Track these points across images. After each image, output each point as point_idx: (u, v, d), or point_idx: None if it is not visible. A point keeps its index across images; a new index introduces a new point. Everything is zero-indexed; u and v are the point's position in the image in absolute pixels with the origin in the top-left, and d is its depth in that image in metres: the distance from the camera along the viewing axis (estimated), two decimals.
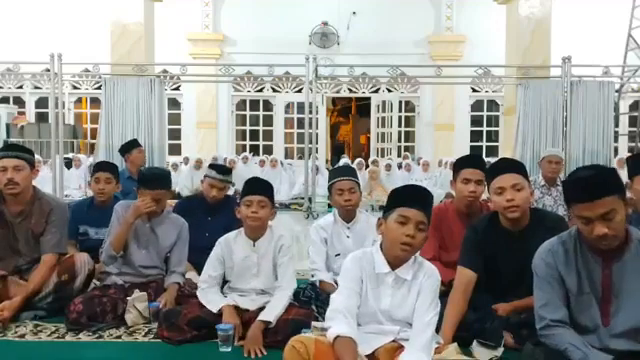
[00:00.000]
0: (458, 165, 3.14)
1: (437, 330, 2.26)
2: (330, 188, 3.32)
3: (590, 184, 1.91)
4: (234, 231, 2.97)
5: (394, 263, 2.17)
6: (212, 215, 3.74)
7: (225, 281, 3.00)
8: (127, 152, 5.32)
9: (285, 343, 2.23)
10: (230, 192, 4.48)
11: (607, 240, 1.93)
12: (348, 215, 3.32)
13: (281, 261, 2.89)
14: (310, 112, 7.74)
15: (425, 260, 2.26)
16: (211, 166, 3.99)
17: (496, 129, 13.72)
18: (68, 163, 9.31)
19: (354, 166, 9.97)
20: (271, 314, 2.69)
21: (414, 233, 2.10)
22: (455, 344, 2.24)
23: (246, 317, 2.76)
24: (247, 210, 2.82)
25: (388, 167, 10.45)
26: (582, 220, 1.94)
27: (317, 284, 3.20)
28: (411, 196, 2.16)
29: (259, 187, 2.89)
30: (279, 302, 2.76)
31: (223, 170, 3.88)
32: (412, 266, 2.18)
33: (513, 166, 2.66)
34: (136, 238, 3.22)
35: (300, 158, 11.75)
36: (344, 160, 11.98)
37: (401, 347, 2.13)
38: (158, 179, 3.18)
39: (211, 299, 2.84)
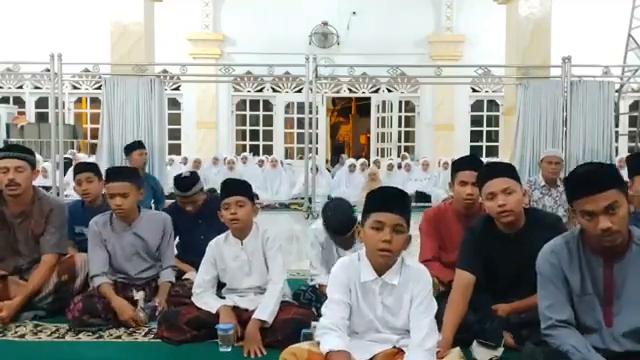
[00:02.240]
0: (455, 167, 3.11)
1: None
2: None
3: (592, 178, 1.94)
4: (224, 233, 2.96)
5: (379, 269, 2.12)
6: (202, 218, 3.68)
7: (222, 284, 2.99)
8: (128, 154, 5.38)
9: (285, 343, 2.23)
10: None
11: (611, 235, 1.92)
12: None
13: (269, 253, 2.88)
14: (310, 112, 7.74)
15: (413, 262, 2.22)
16: (174, 182, 3.72)
17: (496, 129, 13.71)
18: (68, 163, 9.31)
19: (349, 167, 10.04)
20: (265, 312, 2.69)
21: (390, 237, 2.03)
22: (457, 348, 2.21)
23: (245, 317, 2.76)
24: (227, 213, 2.82)
25: (390, 167, 10.41)
26: (586, 216, 1.94)
27: (317, 286, 3.21)
28: (384, 200, 2.10)
29: (235, 188, 2.88)
30: (271, 298, 2.75)
31: (184, 186, 3.65)
32: (399, 270, 2.13)
33: (502, 170, 2.62)
34: (123, 250, 3.18)
35: (300, 158, 11.75)
36: (344, 160, 11.97)
37: (400, 352, 2.10)
38: (119, 172, 3.29)
39: (206, 301, 2.84)
